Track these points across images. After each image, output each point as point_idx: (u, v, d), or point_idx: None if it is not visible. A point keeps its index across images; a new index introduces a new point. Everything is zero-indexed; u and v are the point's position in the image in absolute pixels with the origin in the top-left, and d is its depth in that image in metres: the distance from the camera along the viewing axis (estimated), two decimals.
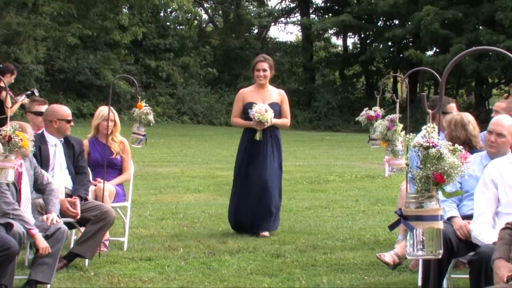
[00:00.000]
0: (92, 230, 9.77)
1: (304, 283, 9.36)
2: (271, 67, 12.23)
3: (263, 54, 12.81)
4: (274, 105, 12.20)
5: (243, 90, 12.67)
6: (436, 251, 5.58)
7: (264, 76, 12.17)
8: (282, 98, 12.51)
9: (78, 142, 10.54)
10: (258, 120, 11.78)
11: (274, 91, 12.50)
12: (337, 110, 49.17)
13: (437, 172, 5.43)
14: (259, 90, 12.31)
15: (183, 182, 18.77)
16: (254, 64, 12.32)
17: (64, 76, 44.25)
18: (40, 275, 8.71)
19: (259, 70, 12.14)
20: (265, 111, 11.75)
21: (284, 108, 12.54)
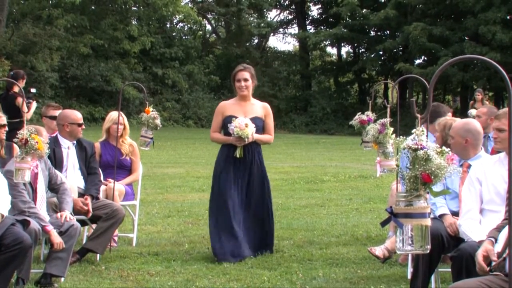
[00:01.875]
0: (103, 227, 9.81)
1: (301, 276, 9.36)
2: (252, 76, 10.30)
3: (243, 64, 10.75)
4: (256, 119, 10.28)
5: (224, 102, 10.69)
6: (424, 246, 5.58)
7: (246, 87, 10.20)
8: (266, 112, 10.58)
9: (90, 144, 10.58)
10: (237, 135, 9.95)
11: (258, 104, 10.56)
12: (331, 114, 49.21)
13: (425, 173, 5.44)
14: (241, 102, 10.39)
15: (188, 182, 18.77)
16: (234, 74, 10.28)
17: (77, 83, 44.30)
18: (55, 269, 8.74)
19: (239, 80, 10.18)
20: (245, 125, 9.91)
21: (268, 123, 10.58)
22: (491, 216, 6.79)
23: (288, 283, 9.05)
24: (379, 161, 10.30)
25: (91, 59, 44.63)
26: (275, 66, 54.90)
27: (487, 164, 7.34)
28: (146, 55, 48.24)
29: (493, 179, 7.18)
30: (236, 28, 55.19)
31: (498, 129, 7.50)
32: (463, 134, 7.95)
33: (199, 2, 55.31)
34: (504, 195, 6.92)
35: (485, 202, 7.19)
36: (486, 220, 6.83)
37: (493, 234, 5.94)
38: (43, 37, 42.70)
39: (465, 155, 7.92)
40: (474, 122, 8.28)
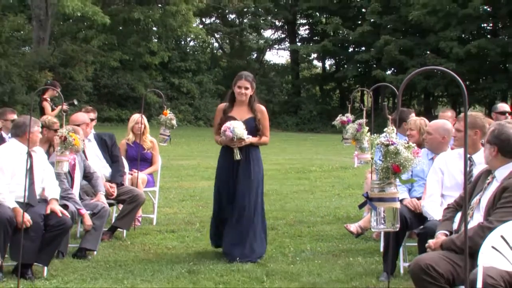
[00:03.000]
0: (128, 208, 9.86)
1: (292, 250, 9.36)
2: (252, 86, 8.93)
3: (246, 72, 9.23)
4: (250, 120, 8.88)
5: (222, 104, 9.22)
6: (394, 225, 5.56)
7: (245, 94, 8.83)
8: (260, 114, 9.02)
9: (110, 135, 10.63)
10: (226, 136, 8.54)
11: (254, 108, 9.02)
12: (317, 116, 49.12)
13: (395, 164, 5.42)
14: (238, 106, 8.99)
15: (199, 172, 18.73)
16: (236, 80, 8.94)
17: (107, 90, 44.24)
18: (88, 244, 8.76)
19: (240, 87, 8.84)
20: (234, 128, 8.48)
21: (264, 125, 9.03)
22: (449, 200, 6.75)
23: (281, 255, 9.03)
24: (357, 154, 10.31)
25: (119, 70, 44.61)
26: (271, 76, 54.83)
27: (449, 157, 7.35)
28: (164, 67, 48.20)
29: (453, 170, 7.18)
30: (238, 45, 55.21)
31: (457, 129, 7.49)
32: (442, 133, 7.93)
33: (207, 24, 55.22)
34: (461, 184, 6.91)
35: (445, 188, 7.20)
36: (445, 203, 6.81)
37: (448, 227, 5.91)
38: (80, 53, 42.66)
39: (439, 150, 7.89)
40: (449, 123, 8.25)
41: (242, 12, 54.83)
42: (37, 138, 8.15)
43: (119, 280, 7.61)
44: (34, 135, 8.01)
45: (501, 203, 5.46)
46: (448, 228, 5.85)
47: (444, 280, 5.35)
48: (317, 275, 8.01)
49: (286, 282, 7.67)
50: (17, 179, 7.79)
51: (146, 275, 7.86)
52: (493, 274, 4.99)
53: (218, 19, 56.34)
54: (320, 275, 7.98)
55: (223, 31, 55.54)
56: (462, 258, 5.30)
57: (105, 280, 7.64)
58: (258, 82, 48.98)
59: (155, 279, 7.69)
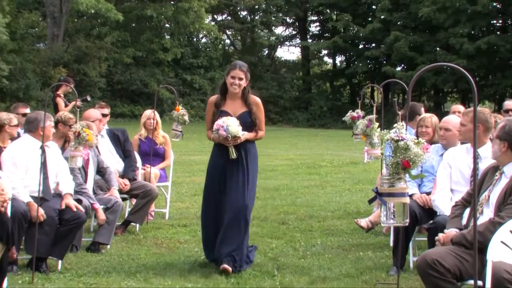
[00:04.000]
0: (141, 203, 9.89)
1: (303, 244, 9.35)
2: (246, 76, 7.98)
3: (240, 62, 8.24)
4: (245, 114, 8.01)
5: (213, 97, 8.33)
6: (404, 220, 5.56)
7: (239, 85, 7.90)
8: (255, 107, 8.06)
9: (122, 131, 10.66)
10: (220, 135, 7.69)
11: (249, 100, 8.07)
12: (328, 112, 49.09)
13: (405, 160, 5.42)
14: (231, 99, 8.07)
15: None
16: (230, 70, 8.03)
17: (120, 87, 44.36)
18: (102, 238, 8.79)
19: (234, 77, 7.92)
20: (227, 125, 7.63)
21: (259, 118, 8.09)
22: (457, 195, 6.80)
23: (292, 250, 9.03)
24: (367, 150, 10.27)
25: (132, 67, 44.70)
26: (282, 73, 54.77)
27: (456, 152, 7.33)
28: (177, 64, 48.26)
29: (460, 165, 7.15)
30: (250, 41, 55.20)
31: (461, 124, 7.46)
32: None
33: (219, 20, 55.27)
34: (468, 178, 6.89)
35: (453, 183, 7.18)
36: (454, 198, 6.80)
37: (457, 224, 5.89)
38: (93, 50, 42.82)
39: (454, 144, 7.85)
40: None
41: (254, 9, 54.79)
42: (50, 133, 8.17)
43: (132, 274, 7.63)
44: (48, 130, 8.03)
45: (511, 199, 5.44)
46: (457, 225, 5.83)
47: (451, 275, 5.34)
48: (327, 269, 8.00)
49: (296, 276, 7.67)
50: (31, 174, 7.82)
51: (159, 269, 7.88)
52: (508, 269, 4.97)
53: (230, 16, 56.33)
54: (330, 269, 7.98)
55: (235, 28, 55.55)
56: (470, 253, 5.31)
57: (118, 273, 7.66)
58: (269, 79, 49.22)
59: (168, 273, 7.70)
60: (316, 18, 56.73)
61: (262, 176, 17.10)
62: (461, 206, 6.05)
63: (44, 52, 42.70)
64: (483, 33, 43.92)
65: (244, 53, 53.97)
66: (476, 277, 4.77)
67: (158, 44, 46.05)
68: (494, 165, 5.86)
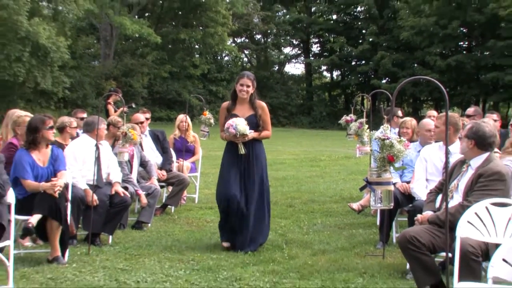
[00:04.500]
0: (176, 190, 9.91)
1: (306, 223, 9.35)
2: (253, 84, 7.71)
3: (248, 72, 8.00)
4: (252, 116, 7.69)
5: (225, 103, 8.05)
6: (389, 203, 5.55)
7: (247, 92, 7.64)
8: (261, 110, 7.76)
9: (161, 132, 10.71)
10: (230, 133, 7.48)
11: (254, 104, 7.79)
12: (326, 116, 48.94)
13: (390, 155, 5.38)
14: (240, 105, 7.80)
15: None
16: (239, 79, 7.76)
17: (159, 96, 44.36)
18: (144, 218, 8.82)
19: (243, 85, 7.64)
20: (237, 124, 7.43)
21: (265, 120, 7.75)
22: (432, 183, 6.82)
23: (297, 228, 9.02)
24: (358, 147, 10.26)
25: (168, 80, 44.73)
26: (289, 84, 54.53)
27: (431, 149, 7.32)
28: (204, 77, 48.25)
29: (434, 159, 7.14)
30: (263, 59, 55.13)
31: (435, 126, 7.45)
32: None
33: (239, 42, 55.20)
34: (441, 170, 6.86)
35: (428, 174, 7.16)
36: (429, 186, 6.78)
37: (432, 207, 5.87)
38: (137, 66, 42.88)
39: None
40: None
41: (266, 33, 54.74)
42: (103, 133, 8.23)
43: (168, 247, 7.63)
44: (101, 131, 8.09)
45: (477, 187, 5.43)
46: (432, 208, 5.82)
47: (426, 248, 5.34)
48: (326, 243, 7.99)
49: (301, 249, 7.65)
50: (88, 166, 7.87)
51: (190, 243, 7.87)
52: (472, 243, 4.96)
53: (247, 39, 56.23)
54: (328, 244, 7.96)
55: (251, 48, 55.53)
56: (442, 231, 5.29)
57: (157, 246, 7.66)
58: (279, 89, 49.12)
59: (197, 246, 7.69)
60: (317, 40, 56.57)
61: (273, 168, 17.07)
62: (435, 193, 6.03)
63: (98, 68, 42.87)
64: (452, 52, 43.76)
65: (259, 69, 53.89)
66: (448, 249, 4.74)
67: (189, 62, 46.13)
68: (461, 159, 5.83)
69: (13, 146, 7.29)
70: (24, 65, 32.40)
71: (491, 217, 5.02)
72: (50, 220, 6.65)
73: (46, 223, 6.68)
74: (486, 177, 5.40)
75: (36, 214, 6.54)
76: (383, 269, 6.66)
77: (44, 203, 6.57)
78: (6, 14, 31.20)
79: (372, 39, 48.00)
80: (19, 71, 32.10)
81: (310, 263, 6.92)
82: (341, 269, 6.69)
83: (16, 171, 6.74)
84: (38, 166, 6.88)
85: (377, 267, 6.77)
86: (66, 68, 37.14)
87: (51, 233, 6.73)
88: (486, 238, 5.03)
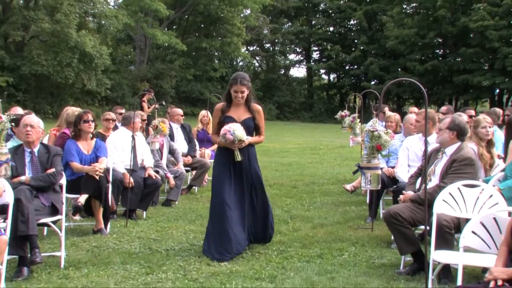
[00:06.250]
0: (199, 173, 9.94)
1: (307, 201, 9.33)
2: (248, 87, 6.07)
3: (241, 75, 6.16)
4: (248, 120, 6.13)
5: (219, 104, 6.28)
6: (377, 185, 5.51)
7: (242, 97, 6.06)
8: (257, 114, 6.18)
9: (188, 125, 10.75)
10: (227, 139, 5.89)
11: (251, 107, 6.18)
12: (324, 112, 48.77)
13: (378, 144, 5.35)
14: (235, 107, 6.17)
15: None
16: (232, 84, 6.06)
17: (185, 95, 44.30)
18: (172, 196, 8.84)
19: (237, 91, 6.03)
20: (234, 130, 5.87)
21: (259, 125, 6.20)
22: (412, 169, 6.72)
23: (300, 205, 9.00)
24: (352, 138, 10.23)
25: (193, 82, 44.68)
26: (293, 85, 54.29)
27: (412, 140, 7.27)
28: (222, 79, 48.14)
29: (415, 148, 7.11)
30: (271, 64, 54.97)
31: (416, 120, 7.41)
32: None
33: (251, 50, 55.04)
34: (420, 157, 6.83)
35: (410, 161, 7.12)
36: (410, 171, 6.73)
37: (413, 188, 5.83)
38: (167, 70, 42.85)
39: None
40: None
41: (274, 42, 54.61)
42: (138, 126, 8.23)
43: (192, 221, 7.64)
44: (136, 124, 8.08)
45: (451, 171, 5.40)
46: (413, 189, 5.78)
47: (407, 222, 5.33)
48: (324, 218, 7.97)
49: (303, 223, 7.63)
50: (126, 153, 7.87)
51: None
52: (446, 218, 4.95)
53: (258, 47, 56.06)
54: (326, 218, 7.94)
55: (261, 55, 55.43)
56: (421, 208, 5.27)
57: (183, 220, 7.67)
58: (285, 89, 49.12)
59: None
60: (316, 48, 56.34)
61: (280, 155, 17.05)
62: (415, 176, 5.99)
63: (134, 72, 42.91)
64: (430, 59, 43.56)
65: (268, 72, 53.83)
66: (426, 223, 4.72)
67: (210, 66, 46.09)
68: (436, 148, 5.81)
69: (67, 135, 7.38)
70: (73, 70, 32.68)
71: (463, 196, 5.01)
72: (94, 199, 6.68)
73: (91, 201, 6.72)
74: (459, 162, 5.38)
75: (83, 194, 6.58)
76: (371, 240, 6.65)
77: (89, 185, 6.60)
78: (59, 28, 31.44)
79: (363, 47, 47.89)
80: (69, 74, 32.43)
81: (311, 235, 6.91)
82: (337, 240, 6.67)
83: (65, 156, 6.78)
84: (83, 153, 6.93)
85: (367, 238, 6.75)
86: (108, 72, 37.28)
87: (95, 209, 6.77)
88: (458, 214, 5.01)
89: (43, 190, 5.78)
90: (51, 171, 5.87)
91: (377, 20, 48.30)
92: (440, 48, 45.54)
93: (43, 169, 5.91)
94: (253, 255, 5.99)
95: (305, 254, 6.05)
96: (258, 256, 5.95)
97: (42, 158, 5.96)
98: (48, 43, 32.78)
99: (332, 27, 52.97)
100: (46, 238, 6.51)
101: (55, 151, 6.11)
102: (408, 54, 42.99)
